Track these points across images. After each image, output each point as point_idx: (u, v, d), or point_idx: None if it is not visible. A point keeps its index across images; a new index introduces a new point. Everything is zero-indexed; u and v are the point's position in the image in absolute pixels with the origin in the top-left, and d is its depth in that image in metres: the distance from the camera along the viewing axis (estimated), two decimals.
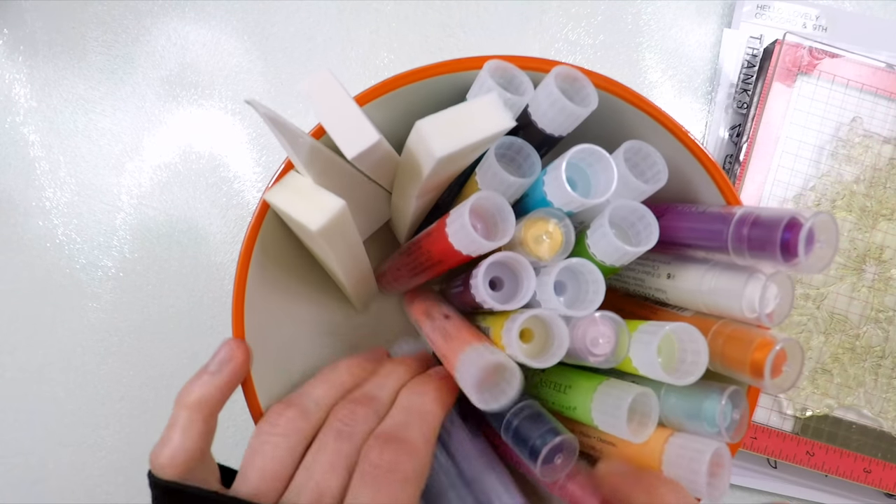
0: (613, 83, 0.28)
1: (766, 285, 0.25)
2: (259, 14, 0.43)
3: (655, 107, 0.28)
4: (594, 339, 0.26)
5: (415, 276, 0.31)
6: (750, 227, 0.24)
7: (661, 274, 0.29)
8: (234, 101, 0.42)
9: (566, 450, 0.27)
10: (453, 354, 0.27)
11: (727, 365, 0.26)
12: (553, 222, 0.26)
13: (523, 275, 0.27)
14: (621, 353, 0.26)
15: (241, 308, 0.28)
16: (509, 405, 0.27)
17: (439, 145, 0.22)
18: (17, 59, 0.42)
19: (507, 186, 0.27)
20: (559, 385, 0.29)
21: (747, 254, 0.24)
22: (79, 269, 0.41)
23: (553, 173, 0.26)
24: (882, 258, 0.40)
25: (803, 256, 0.22)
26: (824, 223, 0.23)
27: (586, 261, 0.26)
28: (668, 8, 0.43)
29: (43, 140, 0.42)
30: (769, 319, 0.25)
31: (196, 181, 0.42)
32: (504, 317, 0.27)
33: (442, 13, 0.43)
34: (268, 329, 0.30)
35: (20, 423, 0.41)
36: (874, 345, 0.39)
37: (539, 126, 0.27)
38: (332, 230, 0.25)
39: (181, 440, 0.24)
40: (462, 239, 0.25)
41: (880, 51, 0.42)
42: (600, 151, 0.26)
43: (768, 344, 0.25)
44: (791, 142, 0.40)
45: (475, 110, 0.23)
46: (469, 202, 0.25)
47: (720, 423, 0.26)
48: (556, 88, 0.25)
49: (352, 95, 0.24)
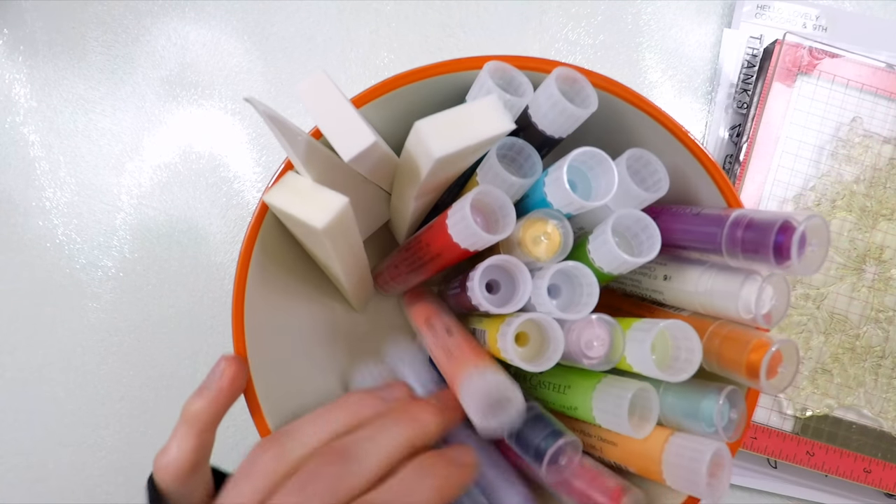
0: (613, 83, 0.28)
1: (762, 287, 0.25)
2: (259, 14, 0.43)
3: (656, 107, 0.28)
4: (588, 342, 0.26)
5: (412, 272, 0.31)
6: (744, 230, 0.24)
7: (658, 275, 0.29)
8: (234, 101, 0.42)
9: (570, 451, 0.27)
10: (455, 376, 0.28)
11: (723, 366, 0.26)
12: (552, 223, 0.26)
13: (519, 278, 0.27)
14: (616, 355, 0.26)
15: (241, 309, 0.28)
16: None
17: (438, 146, 0.22)
18: (17, 59, 0.42)
19: (509, 186, 0.27)
20: (558, 386, 0.29)
21: (741, 256, 0.25)
22: (79, 269, 0.41)
23: (554, 175, 0.26)
24: (882, 258, 0.40)
25: (796, 259, 0.23)
26: (817, 226, 0.23)
27: (580, 264, 0.26)
28: (668, 8, 0.43)
29: (43, 140, 0.42)
30: (765, 321, 0.25)
31: (196, 181, 0.42)
32: (500, 320, 0.27)
33: (442, 13, 0.43)
34: (268, 330, 0.30)
35: (20, 423, 0.41)
36: (874, 345, 0.39)
37: (539, 127, 0.27)
38: (336, 228, 0.25)
39: (175, 452, 0.25)
40: (462, 231, 0.25)
41: (880, 51, 0.42)
42: (602, 155, 0.26)
43: (764, 345, 0.25)
44: (791, 142, 0.40)
45: (475, 112, 0.23)
46: (470, 195, 0.25)
47: (717, 423, 0.26)
48: (556, 90, 0.25)
49: (348, 97, 0.24)
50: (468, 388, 0.26)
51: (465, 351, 0.29)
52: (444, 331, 0.31)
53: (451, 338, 0.30)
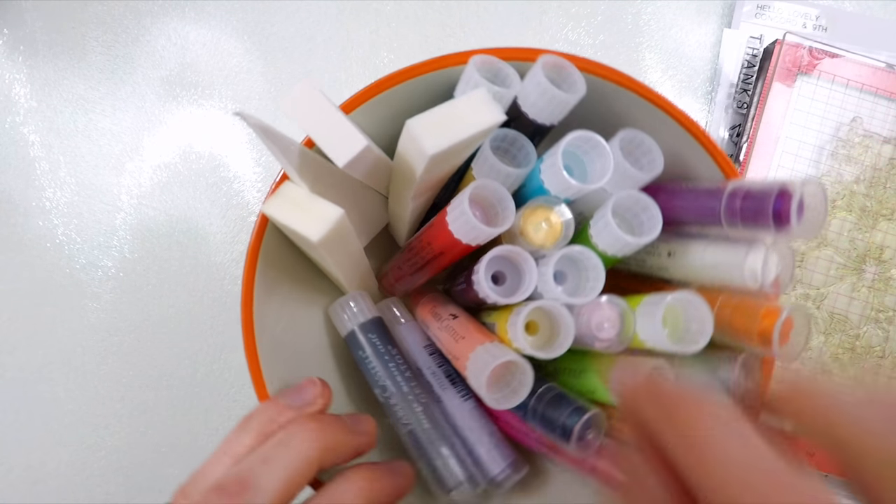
0: (599, 66, 0.28)
1: (767, 254, 0.25)
2: (259, 14, 0.42)
3: (643, 85, 0.28)
4: (599, 324, 0.26)
5: (416, 272, 0.31)
6: (742, 200, 0.25)
7: (662, 253, 0.29)
8: (234, 101, 0.42)
9: (596, 424, 0.27)
10: (463, 354, 0.28)
11: (736, 336, 0.26)
12: (552, 210, 0.26)
13: (525, 268, 0.27)
14: (627, 334, 0.26)
15: (251, 313, 0.29)
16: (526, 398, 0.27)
17: (431, 143, 0.22)
18: (17, 59, 0.42)
19: (505, 178, 0.27)
20: (574, 370, 0.29)
21: (741, 225, 0.25)
22: (79, 269, 0.41)
23: (549, 161, 0.26)
24: (882, 258, 0.40)
25: (796, 223, 0.23)
26: (814, 191, 0.24)
27: (584, 248, 0.26)
28: (668, 8, 0.43)
29: (43, 140, 0.42)
30: (773, 288, 0.26)
31: (196, 181, 0.42)
32: (508, 311, 0.28)
33: (442, 13, 0.43)
34: (277, 337, 0.30)
35: (20, 423, 0.41)
36: (874, 345, 0.39)
37: (530, 116, 0.27)
38: (333, 239, 0.25)
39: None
40: (462, 226, 0.25)
41: (880, 51, 0.42)
42: (596, 138, 0.26)
43: (775, 312, 0.25)
44: (791, 142, 0.40)
45: (464, 106, 0.23)
46: (468, 190, 0.25)
47: (733, 392, 0.26)
48: (543, 77, 0.25)
49: (335, 102, 0.24)
50: (475, 363, 0.26)
51: (471, 330, 0.29)
52: (449, 316, 0.31)
53: (455, 320, 0.30)
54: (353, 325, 0.31)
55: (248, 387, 0.41)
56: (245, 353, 0.29)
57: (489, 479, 0.32)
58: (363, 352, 0.31)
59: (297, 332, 0.32)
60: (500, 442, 0.32)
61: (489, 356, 0.26)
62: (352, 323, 0.31)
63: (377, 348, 0.31)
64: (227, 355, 0.41)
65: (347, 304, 0.32)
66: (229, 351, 0.41)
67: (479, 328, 0.29)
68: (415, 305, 0.34)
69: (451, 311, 0.31)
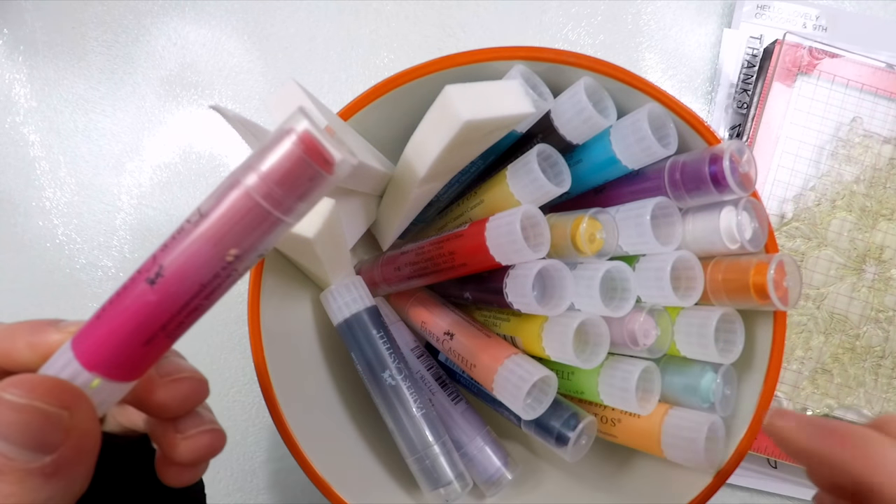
0: (580, 57, 0.28)
1: (738, 212, 0.27)
2: (259, 14, 0.42)
3: (624, 70, 0.28)
4: (646, 332, 0.27)
5: (422, 276, 0.31)
6: (681, 173, 0.27)
7: None
8: (235, 100, 0.42)
9: (588, 430, 0.29)
10: (488, 373, 0.28)
11: (733, 296, 0.27)
12: (598, 225, 0.27)
13: (564, 281, 0.27)
14: (665, 344, 0.28)
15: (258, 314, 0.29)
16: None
17: (467, 109, 0.23)
18: (17, 59, 0.42)
19: (544, 193, 0.27)
20: (562, 372, 0.30)
21: (687, 196, 0.27)
22: (79, 269, 0.41)
23: (628, 129, 0.27)
24: (882, 258, 0.40)
25: (732, 183, 0.26)
26: (738, 148, 0.26)
27: (624, 265, 0.27)
28: (668, 8, 0.43)
29: (43, 140, 0.42)
30: (751, 245, 0.27)
31: (196, 181, 0.42)
32: (529, 320, 0.28)
33: (442, 13, 0.43)
34: (281, 340, 0.30)
35: None
36: (874, 345, 0.39)
37: (561, 132, 0.28)
38: (325, 234, 0.25)
39: None
40: (505, 245, 0.25)
41: (880, 51, 0.42)
42: (661, 108, 0.28)
43: (764, 265, 0.26)
44: (791, 142, 0.40)
45: (500, 90, 0.24)
46: (520, 211, 0.25)
47: (715, 398, 0.28)
48: (584, 97, 0.26)
49: (322, 104, 0.24)
50: (506, 378, 0.27)
51: (482, 345, 0.29)
52: (447, 337, 0.31)
53: (454, 341, 0.31)
54: (359, 308, 0.30)
55: (249, 387, 0.41)
56: (252, 354, 0.29)
57: (484, 479, 0.32)
58: (377, 331, 0.30)
59: (292, 328, 0.32)
60: (493, 443, 0.33)
61: (523, 371, 0.27)
62: (359, 305, 0.30)
63: (388, 330, 0.31)
64: (227, 355, 0.41)
65: (349, 290, 0.30)
66: (229, 351, 0.41)
67: (483, 338, 0.30)
68: (403, 305, 0.34)
69: (443, 328, 0.32)
